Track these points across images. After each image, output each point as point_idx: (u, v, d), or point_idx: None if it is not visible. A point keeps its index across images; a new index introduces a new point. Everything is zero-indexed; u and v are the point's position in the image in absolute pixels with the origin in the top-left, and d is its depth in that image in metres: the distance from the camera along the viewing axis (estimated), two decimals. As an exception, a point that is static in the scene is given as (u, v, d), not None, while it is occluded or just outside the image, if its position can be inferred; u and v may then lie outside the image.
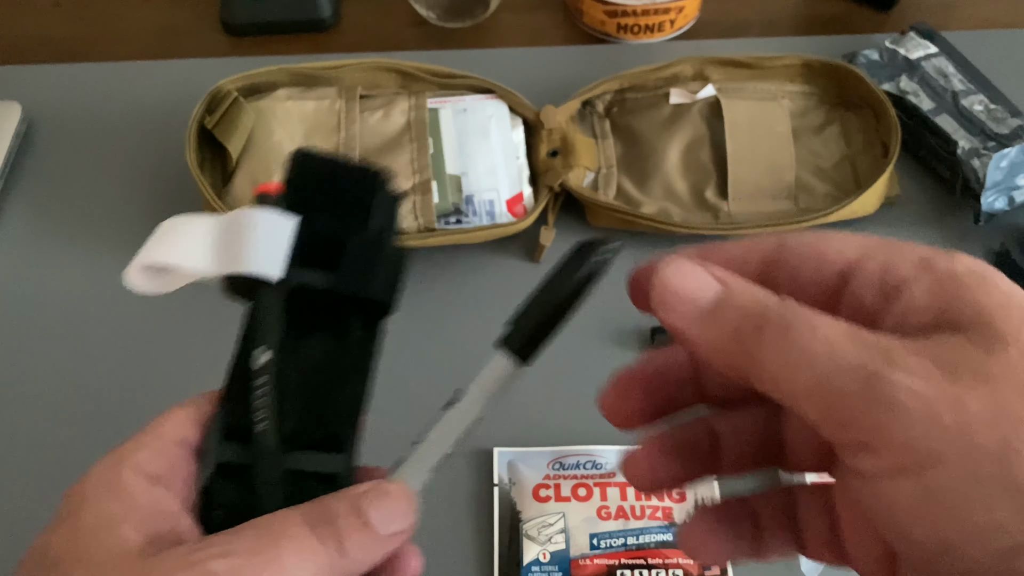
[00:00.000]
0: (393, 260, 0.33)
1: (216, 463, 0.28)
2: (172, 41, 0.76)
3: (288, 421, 0.29)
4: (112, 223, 0.63)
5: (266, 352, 0.29)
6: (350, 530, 0.26)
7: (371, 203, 0.32)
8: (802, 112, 0.65)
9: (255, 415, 0.28)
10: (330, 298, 0.31)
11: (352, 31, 0.77)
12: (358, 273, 0.31)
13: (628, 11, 0.72)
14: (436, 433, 0.32)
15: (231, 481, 0.28)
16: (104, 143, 0.68)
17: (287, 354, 0.30)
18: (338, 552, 0.25)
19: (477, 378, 0.32)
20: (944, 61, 0.67)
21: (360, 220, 0.32)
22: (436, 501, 0.51)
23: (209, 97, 0.61)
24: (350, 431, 0.32)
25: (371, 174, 0.33)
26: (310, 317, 0.31)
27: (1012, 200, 0.59)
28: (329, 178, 0.32)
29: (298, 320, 0.30)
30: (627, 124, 0.65)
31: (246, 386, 0.29)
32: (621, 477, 0.52)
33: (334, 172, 0.33)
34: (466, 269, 0.61)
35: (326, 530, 0.26)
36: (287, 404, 0.29)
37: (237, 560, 0.24)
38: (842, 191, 0.62)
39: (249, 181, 0.58)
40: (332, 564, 0.25)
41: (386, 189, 0.33)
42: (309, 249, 0.31)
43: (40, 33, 0.77)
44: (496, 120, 0.63)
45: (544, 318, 0.31)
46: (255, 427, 0.28)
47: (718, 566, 0.48)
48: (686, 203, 0.61)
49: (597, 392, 0.57)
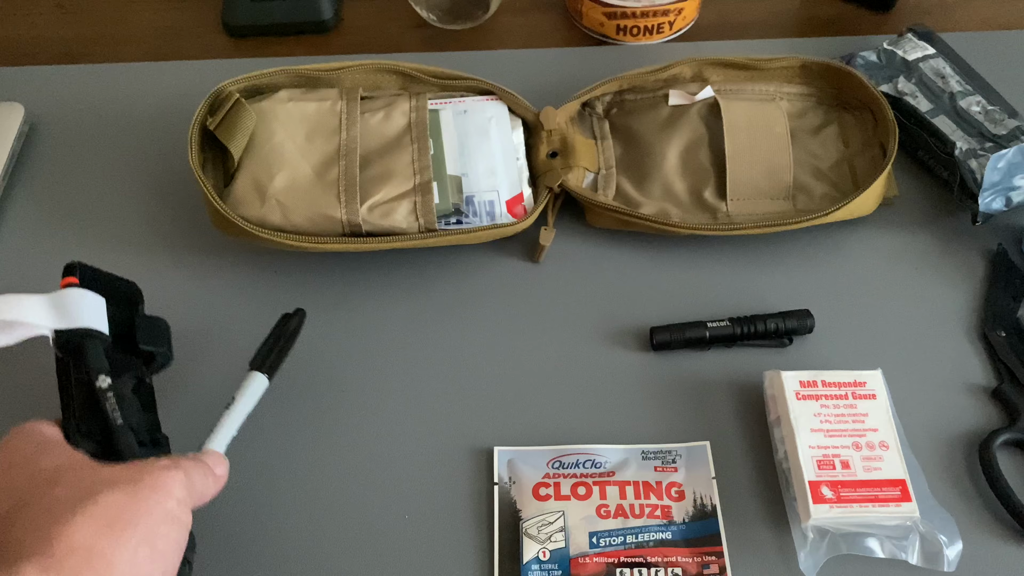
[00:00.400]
0: (164, 328, 0.50)
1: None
2: (174, 42, 0.76)
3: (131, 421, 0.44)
4: (114, 223, 0.64)
5: (106, 378, 0.44)
6: (193, 469, 0.41)
7: (135, 293, 0.50)
8: (800, 113, 0.65)
9: (112, 415, 0.43)
10: (128, 350, 0.47)
11: (353, 33, 0.77)
12: (151, 335, 0.48)
13: (627, 13, 0.72)
14: (225, 424, 0.47)
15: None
16: (106, 144, 0.68)
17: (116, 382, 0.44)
18: (187, 479, 0.40)
19: (240, 390, 0.49)
20: (942, 62, 0.67)
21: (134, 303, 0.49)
22: (436, 500, 0.52)
23: (211, 98, 0.61)
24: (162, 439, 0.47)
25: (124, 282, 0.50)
26: (118, 362, 0.46)
27: (1009, 201, 0.60)
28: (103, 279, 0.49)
29: (112, 363, 0.45)
30: (626, 125, 0.65)
31: (95, 400, 0.44)
32: (620, 476, 0.52)
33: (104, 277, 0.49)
34: (466, 269, 0.61)
35: (181, 466, 0.40)
36: (138, 415, 0.45)
37: (163, 464, 0.40)
38: (840, 192, 0.62)
39: (251, 182, 0.59)
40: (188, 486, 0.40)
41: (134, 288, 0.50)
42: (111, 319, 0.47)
43: (43, 34, 0.77)
44: (496, 121, 0.63)
45: (277, 352, 0.51)
46: (116, 422, 0.43)
47: (718, 565, 0.49)
48: (685, 203, 0.62)
49: (597, 392, 0.58)
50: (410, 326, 0.59)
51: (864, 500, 0.48)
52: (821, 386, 0.52)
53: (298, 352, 0.57)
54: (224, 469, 0.45)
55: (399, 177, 0.59)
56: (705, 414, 0.55)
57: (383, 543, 0.50)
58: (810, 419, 0.51)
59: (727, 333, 0.57)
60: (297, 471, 0.53)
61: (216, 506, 0.51)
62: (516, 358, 0.57)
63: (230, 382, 0.49)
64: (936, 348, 0.57)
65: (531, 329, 0.58)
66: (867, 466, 0.49)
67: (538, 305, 0.60)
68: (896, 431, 0.51)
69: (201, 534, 0.51)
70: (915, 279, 0.61)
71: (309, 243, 0.57)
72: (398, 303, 0.60)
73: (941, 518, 0.49)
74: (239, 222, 0.56)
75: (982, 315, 0.59)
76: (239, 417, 0.48)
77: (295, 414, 0.55)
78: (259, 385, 0.49)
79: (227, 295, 0.60)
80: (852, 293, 0.60)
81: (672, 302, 0.59)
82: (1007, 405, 0.54)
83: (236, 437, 0.48)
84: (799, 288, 0.60)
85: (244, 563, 0.50)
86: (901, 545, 0.49)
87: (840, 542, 0.49)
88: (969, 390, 0.56)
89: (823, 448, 0.50)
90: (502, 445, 0.53)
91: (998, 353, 0.56)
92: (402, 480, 0.52)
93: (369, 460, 0.53)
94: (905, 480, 0.49)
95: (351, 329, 0.59)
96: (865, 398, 0.52)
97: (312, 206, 0.58)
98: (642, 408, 0.55)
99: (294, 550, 0.50)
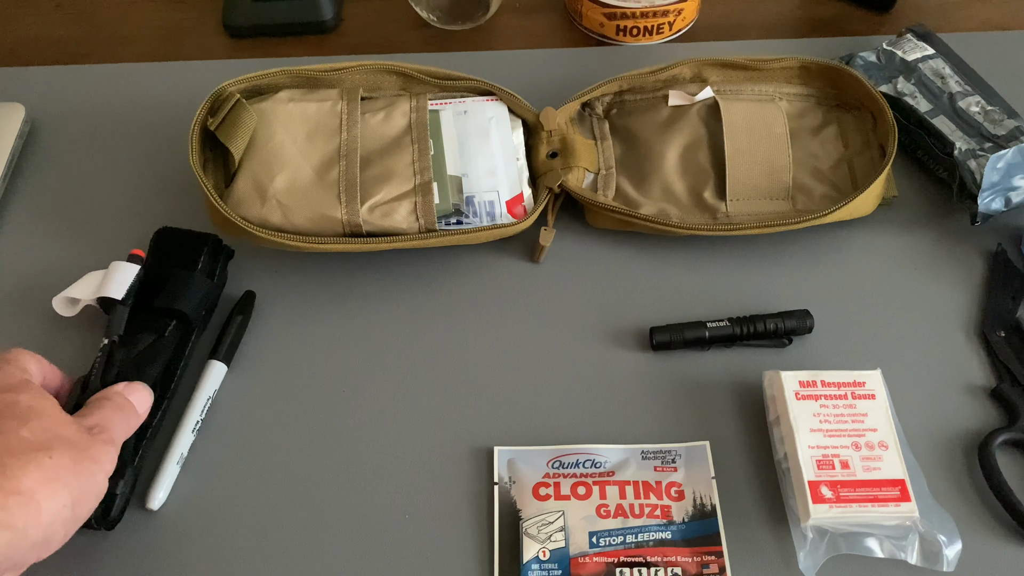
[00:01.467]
0: (204, 291, 0.56)
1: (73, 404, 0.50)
2: (174, 43, 0.76)
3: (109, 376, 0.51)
4: (115, 224, 0.64)
5: (104, 340, 0.53)
6: (120, 424, 0.47)
7: (200, 255, 0.57)
8: (800, 113, 0.66)
9: (92, 371, 0.52)
10: (156, 311, 0.54)
11: (353, 33, 0.77)
12: (171, 295, 0.55)
13: (627, 13, 0.72)
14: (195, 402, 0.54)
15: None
16: (107, 144, 0.68)
17: (125, 341, 0.53)
18: (117, 449, 0.46)
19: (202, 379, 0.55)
20: (941, 63, 0.67)
21: (191, 265, 0.57)
22: (436, 500, 0.52)
23: (212, 99, 0.61)
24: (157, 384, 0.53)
25: (205, 236, 0.58)
26: (143, 321, 0.54)
27: (1009, 201, 0.60)
28: (176, 241, 0.58)
29: (135, 322, 0.54)
30: (626, 125, 0.65)
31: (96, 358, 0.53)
32: (620, 476, 0.52)
33: (180, 237, 0.58)
34: (466, 269, 0.61)
35: (115, 441, 0.46)
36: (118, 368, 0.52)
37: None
38: (840, 192, 0.62)
39: (251, 182, 0.59)
40: (115, 456, 0.46)
41: (217, 247, 0.59)
42: (153, 283, 0.55)
43: (42, 35, 0.77)
44: (496, 122, 0.63)
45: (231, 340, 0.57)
46: (91, 377, 0.51)
47: (718, 565, 0.49)
48: (684, 204, 0.62)
49: (597, 392, 0.58)
50: (410, 326, 0.59)
51: (863, 500, 0.48)
52: (820, 386, 0.52)
53: (298, 352, 0.58)
54: (147, 405, 0.50)
55: (399, 177, 0.59)
56: (705, 414, 0.55)
57: (383, 543, 0.50)
58: (809, 419, 0.51)
59: (727, 333, 0.57)
60: (297, 471, 0.53)
61: (216, 506, 0.52)
62: (516, 358, 0.57)
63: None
64: (935, 348, 0.58)
65: (531, 329, 0.59)
66: (866, 466, 0.49)
67: (538, 305, 0.60)
68: (895, 431, 0.51)
69: (202, 534, 0.51)
70: (914, 279, 0.61)
71: (309, 243, 0.57)
72: (398, 303, 0.60)
73: (940, 518, 0.49)
74: (239, 222, 0.56)
75: (981, 315, 0.59)
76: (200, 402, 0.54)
77: (295, 414, 0.55)
78: (217, 372, 0.56)
79: (227, 295, 0.60)
80: (851, 293, 0.60)
81: (672, 302, 0.60)
82: (1006, 405, 0.54)
83: (235, 436, 0.49)
84: (798, 288, 0.60)
85: (244, 563, 0.50)
86: (900, 545, 0.49)
87: (839, 542, 0.49)
88: (968, 390, 0.56)
89: (822, 448, 0.50)
90: (502, 445, 0.54)
91: (997, 353, 0.57)
92: (402, 480, 0.52)
93: (369, 460, 0.53)
94: (904, 480, 0.49)
95: (351, 329, 0.59)
96: (864, 398, 0.52)
97: (312, 206, 0.58)
98: (642, 408, 0.55)
99: (294, 549, 0.50)
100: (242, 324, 0.58)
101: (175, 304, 0.54)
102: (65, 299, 0.56)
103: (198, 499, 0.52)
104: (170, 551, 0.50)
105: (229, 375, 0.56)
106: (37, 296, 0.60)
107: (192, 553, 0.50)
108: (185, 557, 0.50)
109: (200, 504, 0.52)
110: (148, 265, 0.57)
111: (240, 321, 0.57)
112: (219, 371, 0.55)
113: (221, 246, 0.59)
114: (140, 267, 0.56)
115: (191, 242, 0.58)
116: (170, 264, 0.56)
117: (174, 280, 0.55)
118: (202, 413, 0.54)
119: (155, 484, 0.52)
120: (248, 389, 0.56)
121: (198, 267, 0.56)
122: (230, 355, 0.56)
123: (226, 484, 0.52)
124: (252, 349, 0.58)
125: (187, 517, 0.51)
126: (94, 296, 0.55)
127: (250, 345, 0.58)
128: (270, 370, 0.57)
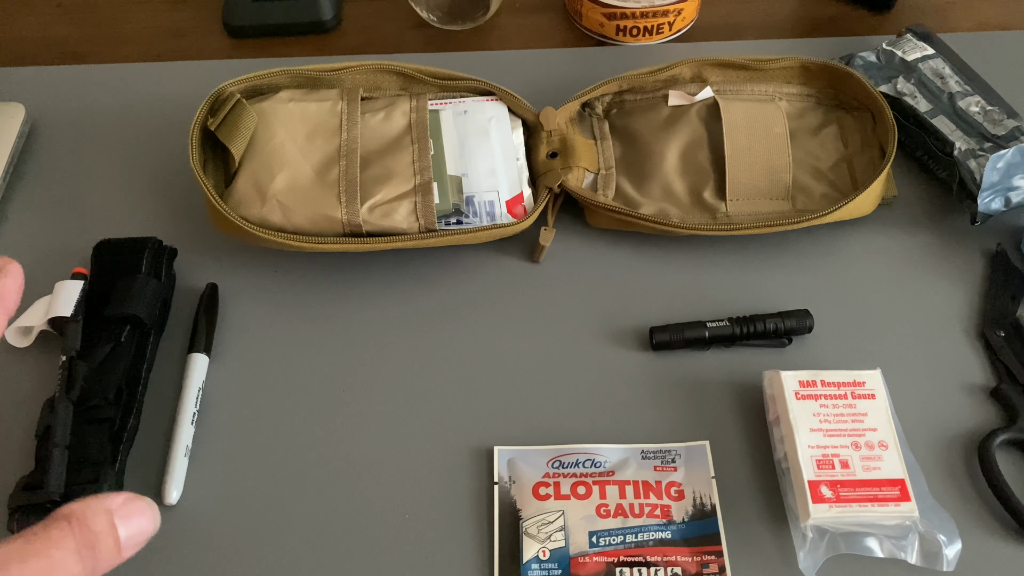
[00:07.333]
0: (152, 291, 0.56)
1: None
2: (174, 43, 0.76)
3: (74, 391, 0.51)
4: (114, 224, 0.64)
5: (62, 357, 0.53)
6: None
7: (142, 259, 0.58)
8: (799, 113, 0.66)
9: (57, 391, 0.51)
10: (109, 320, 0.55)
11: (354, 33, 0.77)
12: (119, 301, 0.55)
13: (627, 13, 0.72)
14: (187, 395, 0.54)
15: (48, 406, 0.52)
16: (107, 144, 0.68)
17: (84, 355, 0.53)
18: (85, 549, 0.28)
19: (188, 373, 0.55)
20: (941, 63, 0.67)
21: (135, 269, 0.57)
22: (436, 500, 0.52)
23: (212, 99, 0.61)
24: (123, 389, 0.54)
25: (145, 240, 0.59)
26: (97, 332, 0.55)
27: (1008, 201, 0.60)
28: (116, 250, 0.58)
29: (90, 335, 0.54)
30: (626, 125, 0.65)
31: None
32: (620, 475, 0.52)
33: (120, 245, 0.59)
34: (466, 269, 0.61)
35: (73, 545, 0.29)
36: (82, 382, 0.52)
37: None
38: (839, 192, 0.62)
39: (251, 182, 0.59)
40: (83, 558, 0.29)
41: (159, 248, 0.59)
42: (101, 294, 0.56)
43: (43, 35, 0.77)
44: (496, 122, 0.63)
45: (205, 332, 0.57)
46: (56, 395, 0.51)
47: (717, 564, 0.49)
48: (684, 204, 0.62)
49: (597, 392, 0.58)
50: (410, 326, 0.59)
51: (863, 500, 0.48)
52: (820, 386, 0.52)
53: (298, 352, 0.58)
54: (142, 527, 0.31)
55: (399, 177, 0.59)
56: (704, 414, 0.55)
57: (383, 543, 0.50)
58: (809, 419, 0.51)
59: (726, 333, 0.57)
60: (297, 470, 0.53)
61: (216, 505, 0.52)
62: (516, 358, 0.57)
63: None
64: (935, 348, 0.58)
65: (531, 329, 0.59)
66: (866, 466, 0.49)
67: (538, 305, 0.60)
68: (895, 431, 0.51)
69: (203, 534, 0.51)
70: (914, 279, 0.61)
71: (309, 243, 0.57)
72: (398, 303, 0.60)
73: (940, 518, 0.49)
74: (240, 222, 0.56)
75: (981, 315, 0.59)
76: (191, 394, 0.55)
77: (295, 414, 0.55)
78: (201, 364, 0.56)
79: (227, 295, 0.60)
80: (851, 293, 0.60)
81: (672, 302, 0.60)
82: (1006, 405, 0.54)
83: (235, 436, 0.49)
84: (798, 288, 0.60)
85: (244, 563, 0.50)
86: (900, 545, 0.49)
87: (839, 541, 0.49)
88: (968, 390, 0.56)
89: (822, 448, 0.50)
90: (502, 444, 0.54)
91: (997, 353, 0.57)
92: (402, 480, 0.53)
93: (369, 460, 0.53)
94: (904, 480, 0.49)
95: (351, 329, 0.59)
96: (864, 398, 0.52)
97: (312, 206, 0.58)
98: (642, 408, 0.55)
99: (294, 549, 0.50)
100: (210, 316, 0.58)
101: (125, 309, 0.55)
102: (18, 329, 0.56)
103: (212, 491, 0.52)
104: (191, 544, 0.50)
105: (223, 371, 0.56)
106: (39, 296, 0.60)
107: (209, 545, 0.50)
108: (202, 549, 0.50)
109: (215, 496, 0.52)
110: (93, 277, 0.57)
111: (204, 310, 0.58)
112: (202, 363, 0.56)
113: (163, 247, 0.59)
114: (84, 281, 0.56)
115: (131, 248, 0.58)
116: (114, 273, 0.57)
117: (120, 286, 0.56)
118: (196, 404, 0.54)
119: (168, 479, 0.51)
120: (248, 389, 0.56)
121: (142, 270, 0.57)
122: (208, 346, 0.57)
123: (234, 473, 0.53)
124: (253, 349, 0.58)
125: (204, 509, 0.52)
126: (44, 320, 0.55)
127: (250, 345, 0.58)
128: (274, 370, 0.57)
